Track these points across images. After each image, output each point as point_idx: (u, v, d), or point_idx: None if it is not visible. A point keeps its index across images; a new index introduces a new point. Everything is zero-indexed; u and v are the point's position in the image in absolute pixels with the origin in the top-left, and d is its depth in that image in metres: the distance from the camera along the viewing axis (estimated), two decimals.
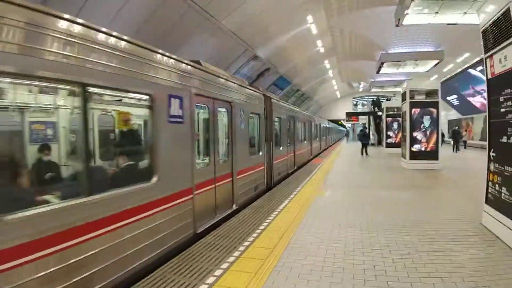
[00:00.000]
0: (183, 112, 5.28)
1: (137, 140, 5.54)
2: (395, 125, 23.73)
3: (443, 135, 20.47)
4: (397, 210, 6.94)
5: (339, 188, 9.69)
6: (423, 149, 14.01)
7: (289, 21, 18.62)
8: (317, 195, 8.65)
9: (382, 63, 20.62)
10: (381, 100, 38.24)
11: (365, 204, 7.55)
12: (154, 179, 4.54)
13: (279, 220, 6.30)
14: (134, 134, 5.58)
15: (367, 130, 24.66)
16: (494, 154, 5.64)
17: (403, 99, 14.96)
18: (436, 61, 20.06)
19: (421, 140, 14.03)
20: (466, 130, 32.36)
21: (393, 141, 23.94)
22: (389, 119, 24.08)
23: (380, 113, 34.59)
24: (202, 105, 6.38)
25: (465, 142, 29.82)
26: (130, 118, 5.28)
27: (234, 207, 7.48)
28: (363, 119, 52.95)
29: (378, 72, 22.82)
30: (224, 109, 7.31)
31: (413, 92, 13.99)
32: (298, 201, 7.93)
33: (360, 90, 52.28)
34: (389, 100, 33.04)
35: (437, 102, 13.91)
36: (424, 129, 13.98)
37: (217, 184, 6.70)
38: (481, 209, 6.63)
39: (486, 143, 18.10)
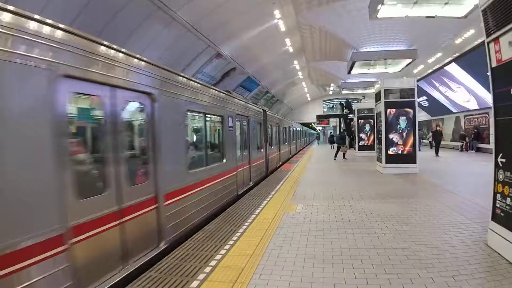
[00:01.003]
0: (233, 125, 9.49)
1: (219, 139, 9.01)
2: (367, 127, 23.11)
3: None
4: (384, 230, 5.69)
5: (311, 200, 8.38)
6: (399, 152, 13.05)
7: (255, 15, 17.22)
8: (286, 210, 7.33)
9: (354, 63, 19.70)
10: (351, 102, 38.01)
11: (343, 222, 6.26)
12: (224, 160, 8.64)
13: (235, 252, 4.88)
14: (219, 136, 9.02)
15: (345, 133, 23.90)
16: (503, 160, 4.51)
17: (378, 99, 14.01)
18: (408, 61, 19.36)
19: (397, 142, 13.07)
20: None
21: (366, 144, 23.33)
22: (361, 121, 23.43)
23: (351, 115, 34.30)
24: (237, 120, 10.27)
25: (431, 143, 29.74)
26: (216, 129, 8.91)
27: (251, 184, 11.56)
28: (333, 122, 53.18)
29: (349, 72, 21.93)
30: (245, 121, 11.39)
31: (388, 92, 13.04)
32: (264, 219, 6.56)
33: (330, 93, 51.99)
34: (360, 102, 32.54)
35: (413, 102, 13.04)
36: (400, 131, 13.04)
37: (243, 168, 10.79)
38: (479, 224, 5.65)
39: (458, 144, 17.40)
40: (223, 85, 21.78)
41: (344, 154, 20.51)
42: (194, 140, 7.93)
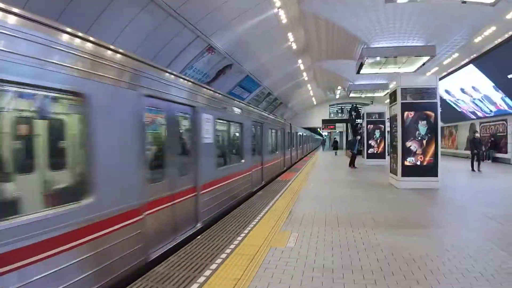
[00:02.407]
0: (280, 134, 17.53)
1: (276, 142, 16.31)
2: (377, 133, 21.12)
3: None
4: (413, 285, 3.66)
5: (309, 227, 6.35)
6: (418, 163, 10.98)
7: (251, 1, 15.15)
8: (274, 243, 5.30)
9: (364, 60, 17.59)
10: (359, 107, 36.19)
11: (354, 272, 4.17)
12: (277, 152, 16.54)
13: None
14: (276, 140, 16.40)
15: (358, 137, 22.03)
16: None
17: (393, 100, 11.98)
18: (425, 59, 17.16)
19: (415, 151, 11.00)
20: (449, 139, 30.21)
21: (375, 151, 21.34)
22: (370, 126, 21.44)
23: (359, 120, 32.48)
24: (281, 131, 17.75)
25: None
26: (275, 136, 16.33)
27: (284, 168, 18.67)
28: (340, 128, 51.12)
29: (358, 72, 19.77)
30: (281, 132, 17.79)
31: (405, 91, 11.03)
32: (240, 258, 4.52)
33: (337, 97, 49.81)
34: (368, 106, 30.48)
35: (435, 103, 11.02)
36: (419, 138, 10.98)
37: (281, 158, 17.67)
38: None
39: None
40: (218, 84, 19.73)
41: (352, 162, 18.56)
42: (272, 140, 14.53)
